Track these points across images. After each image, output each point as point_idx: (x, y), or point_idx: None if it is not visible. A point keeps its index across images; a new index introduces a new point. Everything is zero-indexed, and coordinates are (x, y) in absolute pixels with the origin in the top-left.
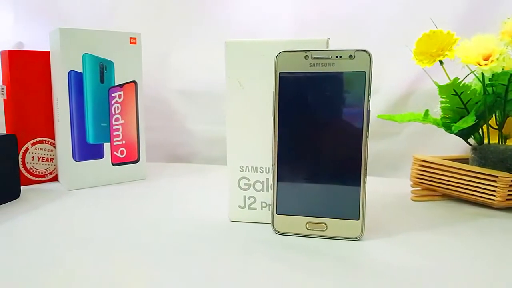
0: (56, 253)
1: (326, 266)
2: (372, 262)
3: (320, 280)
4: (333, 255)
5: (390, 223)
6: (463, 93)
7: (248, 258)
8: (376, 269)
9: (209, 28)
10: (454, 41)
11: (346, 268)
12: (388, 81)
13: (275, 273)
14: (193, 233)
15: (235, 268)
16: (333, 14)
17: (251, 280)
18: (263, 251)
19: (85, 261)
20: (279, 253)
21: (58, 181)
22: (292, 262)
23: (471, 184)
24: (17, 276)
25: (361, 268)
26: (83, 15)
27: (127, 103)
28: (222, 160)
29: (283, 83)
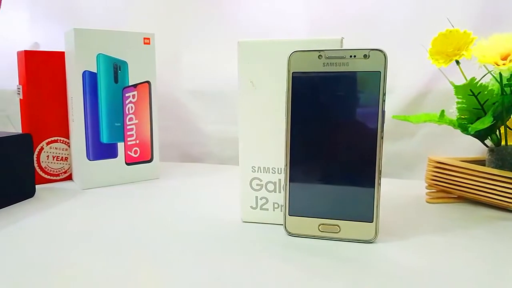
0: (70, 251)
1: (339, 268)
2: (385, 265)
3: (332, 282)
4: (346, 257)
5: (404, 225)
6: (480, 94)
7: (260, 259)
8: (390, 272)
9: (222, 28)
10: (471, 40)
11: (359, 271)
12: (403, 81)
13: (287, 275)
14: (205, 233)
15: (247, 269)
16: (347, 13)
17: (263, 281)
18: (275, 252)
19: (99, 260)
20: (291, 254)
21: (72, 180)
22: (304, 264)
23: (488, 186)
24: (31, 273)
25: (374, 271)
26: (98, 16)
27: (141, 103)
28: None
29: (296, 83)
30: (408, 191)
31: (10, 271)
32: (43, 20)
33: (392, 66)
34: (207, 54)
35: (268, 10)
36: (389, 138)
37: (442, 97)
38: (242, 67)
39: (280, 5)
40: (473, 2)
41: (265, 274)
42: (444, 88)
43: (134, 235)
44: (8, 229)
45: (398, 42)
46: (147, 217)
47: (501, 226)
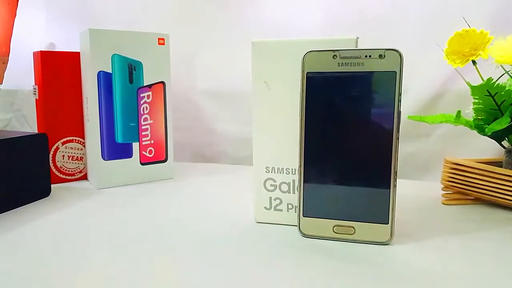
0: (86, 250)
1: (353, 270)
2: (401, 267)
3: (348, 284)
4: (361, 259)
5: (420, 227)
6: (497, 94)
7: (273, 260)
8: (405, 274)
9: (236, 28)
10: (488, 40)
11: (373, 273)
12: (419, 81)
13: (301, 276)
14: (219, 233)
15: (261, 270)
16: (363, 13)
17: (277, 282)
18: (289, 253)
19: (114, 259)
20: (306, 256)
21: (88, 180)
22: (319, 265)
23: (505, 188)
24: (47, 272)
25: (390, 274)
26: (113, 16)
27: (156, 103)
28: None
29: (310, 83)
30: (424, 192)
31: (26, 269)
32: (58, 21)
33: (408, 66)
34: (222, 54)
35: (282, 10)
36: (405, 139)
37: (458, 98)
38: (256, 67)
39: (294, 5)
40: (490, 1)
41: (279, 275)
42: (460, 88)
43: (149, 235)
44: (24, 227)
45: (414, 42)
46: (162, 216)
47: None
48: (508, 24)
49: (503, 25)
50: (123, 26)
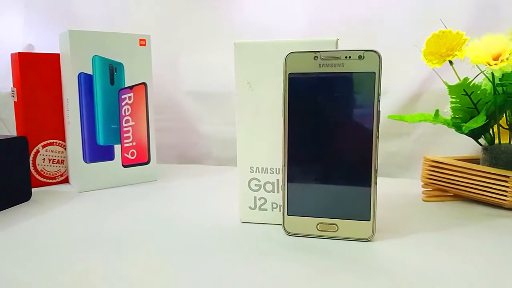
0: (68, 254)
1: (337, 267)
2: (383, 263)
3: (332, 281)
4: (344, 256)
5: (401, 224)
6: (473, 93)
7: (259, 259)
8: (387, 270)
9: (219, 28)
10: (464, 41)
11: (357, 269)
12: (399, 82)
13: (286, 274)
14: (204, 234)
15: (246, 269)
16: (343, 15)
17: (262, 281)
18: (274, 252)
19: (97, 263)
20: (290, 254)
21: (69, 183)
22: (303, 263)
23: (483, 184)
24: (28, 278)
25: (372, 269)
26: (93, 17)
27: (137, 104)
28: (233, 161)
29: (292, 84)
30: (404, 190)
31: (7, 274)
32: (37, 22)
33: (388, 66)
34: (204, 55)
35: (265, 11)
36: (385, 138)
37: (437, 97)
38: (238, 68)
39: (277, 6)
40: (466, 4)
41: (265, 274)
42: (438, 88)
43: (132, 238)
44: (4, 232)
45: (394, 43)
46: (146, 219)
47: (497, 223)
48: (482, 26)
49: (478, 26)
50: (103, 27)
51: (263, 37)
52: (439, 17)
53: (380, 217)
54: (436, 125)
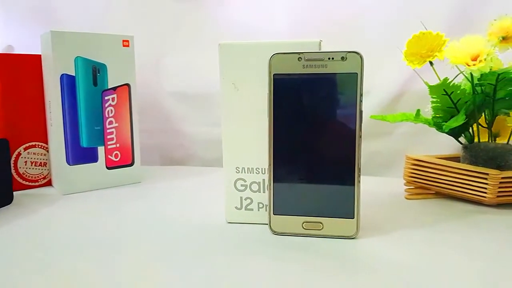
0: (52, 258)
1: (323, 264)
2: (367, 259)
3: (317, 278)
4: (329, 253)
5: (385, 221)
6: (453, 93)
7: (245, 259)
8: (372, 266)
9: (204, 29)
10: (443, 42)
11: (342, 266)
12: (381, 82)
13: (272, 273)
14: (189, 235)
15: (233, 269)
16: (326, 16)
17: (249, 280)
18: (260, 251)
19: (82, 266)
20: (277, 253)
21: (52, 186)
22: (290, 261)
23: (463, 182)
24: (10, 282)
25: (357, 266)
26: (75, 18)
27: (121, 106)
28: (218, 162)
29: (277, 85)
30: (387, 188)
31: None
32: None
33: (370, 67)
34: (189, 55)
35: (249, 11)
36: (368, 138)
37: (418, 97)
38: (223, 69)
39: (260, 7)
40: (446, 6)
41: (251, 274)
42: (419, 88)
43: (117, 240)
44: None
45: (375, 44)
46: (130, 221)
47: (477, 219)
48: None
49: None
50: (86, 27)
51: (247, 38)
52: (420, 18)
53: (364, 215)
54: (418, 125)
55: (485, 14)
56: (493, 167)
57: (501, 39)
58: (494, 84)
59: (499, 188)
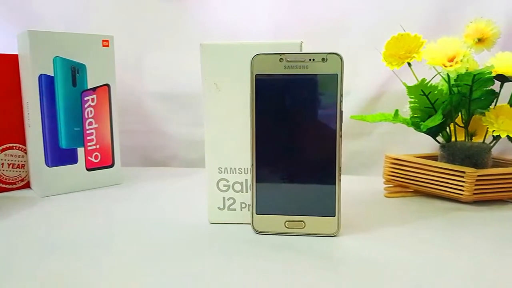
0: (31, 261)
1: (305, 262)
2: (348, 256)
3: (300, 276)
4: (312, 251)
5: (365, 219)
6: (430, 93)
7: (228, 258)
8: (353, 263)
9: (185, 29)
10: (421, 43)
11: (323, 263)
12: (360, 83)
13: (255, 272)
14: (172, 236)
15: (216, 270)
16: (307, 17)
17: (233, 280)
18: (243, 251)
19: (62, 269)
20: (260, 252)
21: (31, 188)
22: (272, 260)
23: (441, 180)
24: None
25: (338, 263)
26: (54, 17)
27: (101, 106)
28: (200, 163)
29: (259, 85)
30: (367, 186)
31: None
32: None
33: (350, 68)
34: (171, 55)
35: (230, 12)
36: (348, 137)
37: (396, 98)
38: (205, 69)
39: (242, 7)
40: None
41: (235, 273)
42: (397, 89)
43: (99, 242)
44: None
45: (355, 45)
46: (111, 223)
47: (455, 216)
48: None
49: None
50: (65, 27)
51: (228, 38)
52: (398, 20)
53: (344, 213)
54: (396, 124)
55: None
56: (470, 165)
57: (477, 41)
58: (470, 84)
59: (476, 186)
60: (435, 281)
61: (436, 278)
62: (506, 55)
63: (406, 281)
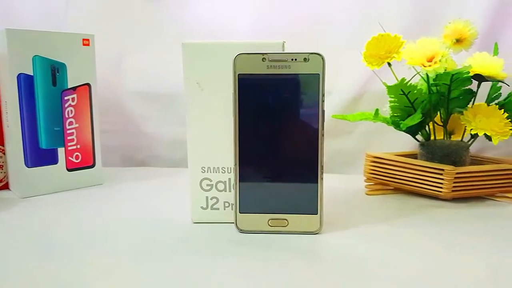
0: (11, 263)
1: (288, 259)
2: (331, 254)
3: (283, 273)
4: (294, 249)
5: (347, 216)
6: (410, 93)
7: (212, 258)
8: (335, 260)
9: (167, 28)
10: (401, 44)
11: (306, 260)
12: (342, 83)
13: (239, 271)
14: (155, 236)
15: (200, 269)
16: (289, 17)
17: (216, 279)
18: (226, 250)
19: (43, 270)
20: (243, 250)
21: (10, 189)
22: (256, 259)
23: (420, 177)
24: None
25: (321, 260)
26: (33, 16)
27: (81, 106)
28: (181, 163)
29: (242, 85)
30: (349, 185)
31: None
32: None
33: (332, 68)
34: (152, 55)
35: (212, 11)
36: (330, 136)
37: (377, 97)
38: (187, 69)
39: (223, 6)
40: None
41: (219, 272)
42: (378, 88)
43: (80, 243)
44: None
45: (337, 46)
46: (93, 224)
47: (434, 212)
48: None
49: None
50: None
51: (209, 37)
52: (379, 21)
53: (326, 211)
54: (377, 123)
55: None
56: (448, 163)
57: (455, 41)
58: (448, 84)
59: (454, 183)
60: (415, 276)
61: (416, 273)
62: (483, 55)
63: (386, 277)
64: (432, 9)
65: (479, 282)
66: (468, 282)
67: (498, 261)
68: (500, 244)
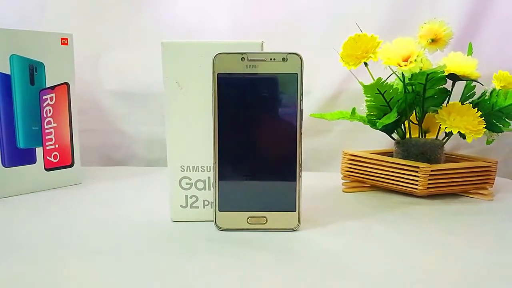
0: None
1: (267, 256)
2: (309, 250)
3: (262, 270)
4: (273, 245)
5: (324, 213)
6: (386, 92)
7: (191, 256)
8: (313, 256)
9: (145, 27)
10: (377, 44)
11: (285, 256)
12: (319, 82)
13: (219, 267)
14: (134, 235)
15: (179, 267)
16: (267, 18)
17: (196, 277)
18: (206, 248)
19: (20, 271)
20: (222, 248)
21: None
22: (235, 256)
23: (396, 175)
24: None
25: (299, 257)
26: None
27: (59, 105)
28: (160, 162)
29: (221, 84)
30: (326, 182)
31: None
32: None
33: (309, 68)
34: (131, 54)
35: (190, 10)
36: (308, 135)
37: (354, 96)
38: (166, 68)
39: (202, 6)
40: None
41: (198, 270)
42: (355, 88)
43: (59, 243)
44: None
45: (315, 46)
46: (72, 224)
47: (410, 209)
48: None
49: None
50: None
51: (187, 36)
52: (355, 21)
53: (305, 208)
54: (354, 122)
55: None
56: (424, 161)
57: (430, 41)
58: (423, 83)
59: (429, 180)
60: (391, 271)
61: (390, 270)
62: (458, 55)
63: (363, 272)
64: (408, 10)
65: (452, 277)
66: (442, 277)
67: (471, 257)
68: (474, 239)
